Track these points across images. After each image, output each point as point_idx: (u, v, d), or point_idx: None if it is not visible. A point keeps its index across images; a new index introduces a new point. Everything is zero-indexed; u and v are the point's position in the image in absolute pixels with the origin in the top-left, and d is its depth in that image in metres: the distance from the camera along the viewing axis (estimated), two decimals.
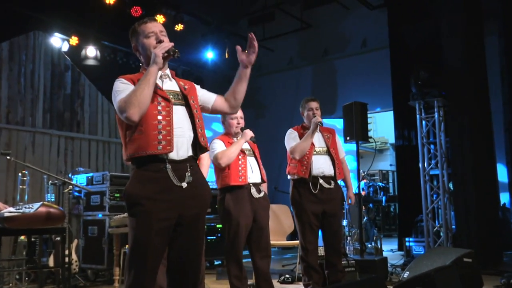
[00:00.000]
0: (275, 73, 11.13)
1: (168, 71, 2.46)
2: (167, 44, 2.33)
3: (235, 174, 3.73)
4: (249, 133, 3.85)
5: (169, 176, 2.23)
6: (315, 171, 4.13)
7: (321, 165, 4.16)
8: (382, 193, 10.94)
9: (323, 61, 10.50)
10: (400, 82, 8.01)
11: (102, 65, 7.96)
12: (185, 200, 2.26)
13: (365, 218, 8.19)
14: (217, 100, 2.53)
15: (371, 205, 9.48)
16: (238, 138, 3.88)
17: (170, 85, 2.42)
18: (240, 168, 3.76)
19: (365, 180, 10.66)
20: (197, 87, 2.54)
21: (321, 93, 10.04)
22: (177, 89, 2.42)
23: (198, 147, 2.37)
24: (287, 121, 8.35)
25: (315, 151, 4.19)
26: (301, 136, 4.23)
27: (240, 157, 3.79)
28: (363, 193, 9.39)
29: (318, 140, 4.27)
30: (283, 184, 7.46)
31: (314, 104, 4.32)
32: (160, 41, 2.37)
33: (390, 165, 14.03)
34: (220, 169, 3.77)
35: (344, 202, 4.72)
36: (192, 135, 2.35)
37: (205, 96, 2.53)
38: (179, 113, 2.33)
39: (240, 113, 3.91)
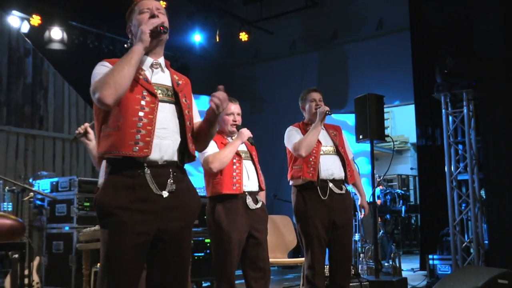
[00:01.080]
0: (275, 60, 11.14)
1: (162, 60, 2.47)
2: (156, 20, 2.34)
3: (228, 181, 3.71)
4: (246, 133, 3.83)
5: (147, 183, 2.25)
6: (323, 174, 4.13)
7: (330, 166, 4.15)
8: (401, 202, 10.90)
9: (331, 45, 10.51)
10: (423, 70, 8.02)
11: (69, 50, 7.93)
12: (166, 212, 2.27)
13: (381, 231, 8.19)
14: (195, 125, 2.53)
15: (388, 216, 9.47)
16: (233, 138, 3.86)
17: (161, 77, 2.43)
18: (234, 174, 3.74)
19: (381, 187, 10.65)
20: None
21: (329, 83, 10.07)
22: (169, 83, 2.44)
23: (186, 154, 2.39)
24: (289, 117, 8.28)
25: (322, 150, 4.19)
26: (304, 134, 4.23)
27: (234, 161, 3.76)
28: (378, 201, 9.38)
29: (324, 138, 4.27)
30: (283, 191, 7.48)
31: (316, 95, 4.33)
32: (153, 17, 2.39)
33: (411, 168, 14.04)
34: (210, 175, 3.75)
35: (356, 212, 4.72)
36: (179, 139, 2.36)
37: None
38: (166, 112, 2.35)
39: (237, 108, 3.90)
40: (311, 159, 4.14)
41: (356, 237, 7.11)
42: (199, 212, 2.52)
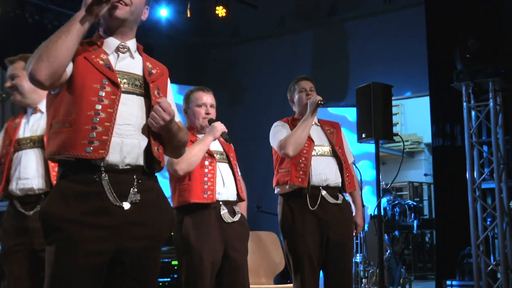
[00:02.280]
0: (259, 40, 11.13)
1: (132, 43, 2.49)
2: None
3: (198, 188, 3.70)
4: (219, 128, 3.82)
5: (105, 191, 2.26)
6: (315, 179, 4.16)
7: (324, 170, 4.18)
8: (413, 215, 10.93)
9: (329, 22, 10.53)
10: (440, 54, 8.05)
11: (3, 25, 7.88)
12: (127, 228, 2.28)
13: (388, 251, 8.20)
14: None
15: (396, 232, 9.50)
16: (205, 133, 3.85)
17: (129, 64, 2.45)
18: (205, 179, 3.73)
19: (388, 197, 10.68)
20: (169, 88, 2.59)
21: (326, 69, 10.07)
22: (138, 71, 2.46)
23: (151, 157, 2.40)
24: (276, 110, 8.33)
25: (314, 150, 4.22)
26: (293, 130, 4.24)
27: (206, 163, 3.76)
28: (385, 215, 9.40)
29: (318, 136, 4.30)
30: (269, 201, 7.44)
31: (307, 84, 4.39)
32: None
33: (425, 175, 14.06)
34: (176, 180, 3.74)
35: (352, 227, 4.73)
36: (147, 139, 2.38)
37: None
38: (132, 106, 2.37)
39: (210, 99, 3.92)
40: (300, 160, 4.16)
41: (358, 258, 7.12)
42: (171, 229, 2.52)
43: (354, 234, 4.44)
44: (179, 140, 2.52)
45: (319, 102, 4.17)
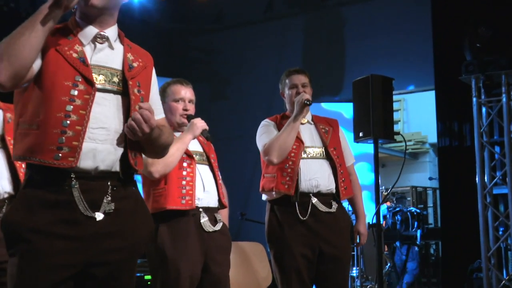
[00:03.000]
0: (244, 27, 11.13)
1: (112, 32, 2.47)
2: None
3: (175, 192, 3.71)
4: (200, 124, 3.83)
5: (75, 199, 2.26)
6: (305, 185, 4.17)
7: (315, 175, 4.19)
8: (416, 224, 10.97)
9: (322, 7, 10.54)
10: (447, 44, 8.08)
11: None
12: (99, 240, 2.29)
13: (388, 264, 8.23)
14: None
15: (397, 243, 9.54)
16: (183, 131, 3.85)
17: (107, 56, 2.44)
18: (184, 182, 3.74)
19: (388, 203, 10.73)
20: (154, 81, 2.59)
21: (319, 59, 10.08)
22: (117, 65, 2.45)
23: (128, 163, 2.41)
24: (264, 105, 8.34)
25: (305, 152, 4.22)
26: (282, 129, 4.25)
27: (185, 164, 3.77)
28: (384, 224, 9.43)
29: (309, 136, 4.32)
30: (254, 208, 7.46)
31: (299, 79, 4.38)
32: None
33: (430, 178, 14.12)
34: (151, 183, 3.75)
35: (355, 237, 4.74)
36: (124, 144, 2.39)
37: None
38: (108, 106, 2.37)
39: (189, 93, 3.93)
40: (287, 165, 4.18)
41: (354, 272, 7.14)
42: (150, 240, 2.53)
43: (358, 244, 4.50)
44: (160, 145, 2.53)
45: (305, 102, 4.18)
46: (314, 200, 4.15)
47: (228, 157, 7.26)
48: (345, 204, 4.59)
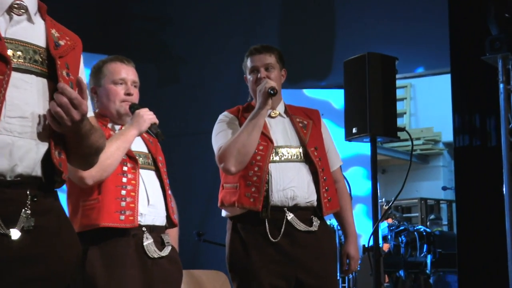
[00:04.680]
0: None
1: (31, 2, 2.49)
2: None
3: (111, 205, 3.71)
4: (147, 117, 3.84)
5: None
6: (277, 197, 4.19)
7: (290, 184, 4.20)
8: (425, 247, 11.10)
9: None
10: (467, 14, 8.14)
11: None
12: (16, 266, 2.29)
13: None
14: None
15: (401, 272, 9.64)
16: (125, 125, 3.88)
17: (26, 30, 2.47)
18: (123, 192, 3.75)
19: (390, 220, 10.83)
20: (82, 67, 2.63)
21: (301, 33, 10.11)
22: (40, 41, 2.47)
23: (51, 166, 2.42)
24: (229, 93, 8.35)
25: (276, 154, 4.24)
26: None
27: (125, 168, 3.79)
28: (385, 247, 9.51)
29: (283, 132, 4.35)
30: (215, 226, 7.46)
31: (261, 59, 4.36)
32: None
33: (444, 188, 14.25)
34: (79, 193, 3.75)
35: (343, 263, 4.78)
36: (48, 141, 2.40)
37: None
38: (29, 91, 2.39)
39: (132, 74, 3.94)
40: (252, 171, 4.18)
41: None
42: (77, 266, 2.57)
43: (347, 271, 4.50)
44: (90, 145, 2.54)
45: (269, 91, 4.15)
46: (290, 216, 4.16)
47: (181, 160, 7.27)
48: (334, 222, 4.61)
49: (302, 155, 4.29)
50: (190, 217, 4.28)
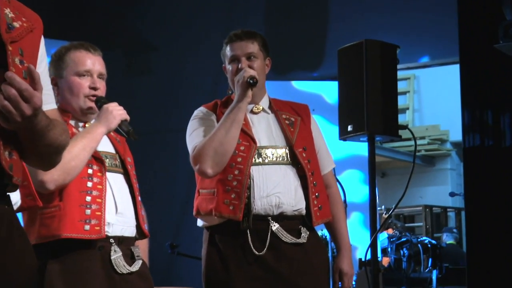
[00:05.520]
0: None
1: None
2: None
3: (75, 213, 3.71)
4: (117, 113, 3.84)
5: None
6: (260, 204, 4.19)
7: (275, 189, 4.21)
8: (430, 261, 11.13)
9: None
10: None
11: None
12: None
13: None
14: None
15: None
16: (89, 122, 3.88)
17: None
18: (88, 198, 3.75)
19: (390, 231, 10.86)
20: (42, 52, 2.60)
21: (289, 18, 10.14)
22: None
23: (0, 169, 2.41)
24: (208, 85, 8.38)
25: (259, 155, 4.26)
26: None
27: (90, 171, 3.79)
28: (384, 261, 9.54)
29: (266, 131, 4.37)
30: (191, 237, 7.49)
31: (242, 47, 4.37)
32: None
33: (452, 194, 14.27)
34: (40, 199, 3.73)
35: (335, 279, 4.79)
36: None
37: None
38: None
39: (99, 64, 3.93)
40: (231, 175, 4.18)
41: None
42: (34, 283, 2.54)
43: None
44: (48, 143, 2.51)
45: (249, 81, 4.15)
46: (275, 226, 4.17)
47: (152, 161, 7.28)
48: (325, 232, 4.61)
49: (288, 156, 4.29)
50: (162, 227, 4.26)
